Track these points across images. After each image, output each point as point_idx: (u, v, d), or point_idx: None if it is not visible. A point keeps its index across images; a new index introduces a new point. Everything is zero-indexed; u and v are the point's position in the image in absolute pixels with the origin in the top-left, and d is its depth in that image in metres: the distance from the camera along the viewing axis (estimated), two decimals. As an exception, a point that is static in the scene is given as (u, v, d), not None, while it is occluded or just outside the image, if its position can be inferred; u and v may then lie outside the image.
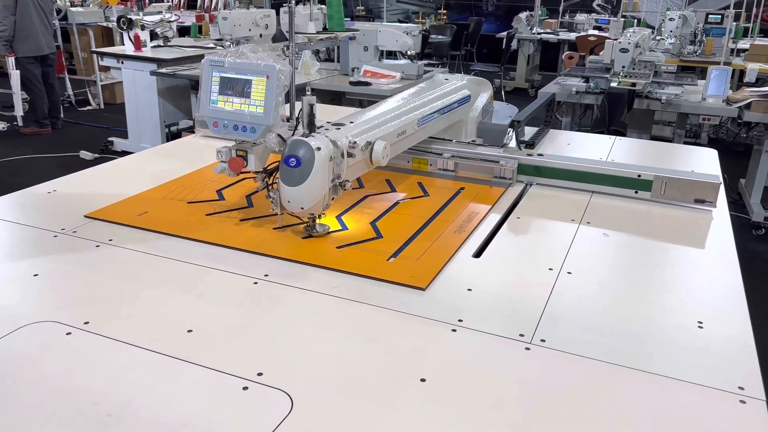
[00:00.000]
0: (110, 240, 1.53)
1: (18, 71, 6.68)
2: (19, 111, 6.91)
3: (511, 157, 2.02)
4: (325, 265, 1.42)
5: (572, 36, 9.61)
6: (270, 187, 1.58)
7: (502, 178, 1.99)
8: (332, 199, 1.54)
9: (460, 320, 1.22)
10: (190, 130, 5.44)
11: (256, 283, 1.35)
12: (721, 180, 1.84)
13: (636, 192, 1.86)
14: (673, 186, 1.82)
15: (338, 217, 1.69)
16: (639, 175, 1.85)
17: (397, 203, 1.82)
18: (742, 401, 1.01)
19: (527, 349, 1.14)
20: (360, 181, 1.95)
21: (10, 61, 6.67)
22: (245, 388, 1.01)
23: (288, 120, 1.56)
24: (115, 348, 1.11)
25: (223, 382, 1.03)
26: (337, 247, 1.51)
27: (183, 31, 7.47)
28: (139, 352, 1.10)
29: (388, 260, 1.45)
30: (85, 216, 1.65)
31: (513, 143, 2.14)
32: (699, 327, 1.23)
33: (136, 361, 1.08)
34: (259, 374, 1.04)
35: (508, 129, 2.16)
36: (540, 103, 2.53)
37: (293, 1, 1.79)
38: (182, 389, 1.01)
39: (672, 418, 0.98)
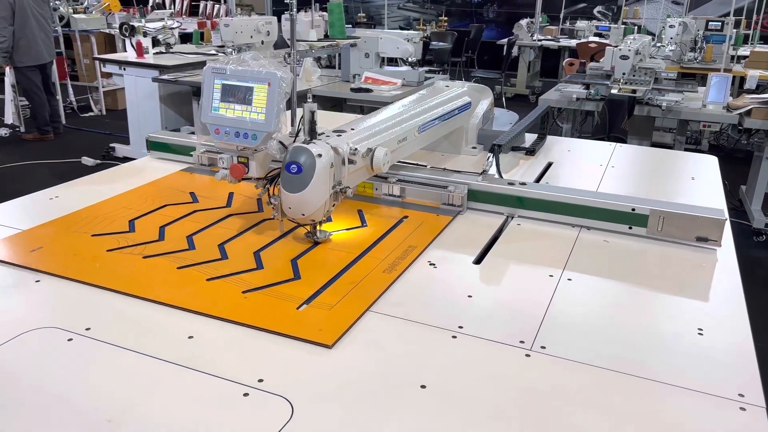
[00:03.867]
0: None
1: (9, 78, 6.69)
2: (8, 118, 6.90)
3: (459, 182, 1.81)
4: (220, 315, 1.23)
5: (573, 43, 9.64)
6: (271, 194, 1.58)
7: (451, 206, 1.79)
8: (333, 205, 1.54)
9: (461, 327, 1.22)
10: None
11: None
12: (727, 216, 1.60)
13: (630, 228, 1.65)
14: (672, 222, 1.60)
15: (256, 254, 1.50)
16: (633, 209, 1.63)
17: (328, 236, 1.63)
18: (742, 408, 1.01)
19: (527, 356, 1.14)
20: None
21: (7, 72, 6.68)
22: (246, 395, 1.01)
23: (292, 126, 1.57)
24: (116, 354, 1.11)
25: (223, 388, 1.03)
26: (244, 292, 1.32)
27: (185, 38, 7.49)
28: (140, 358, 1.10)
29: (298, 308, 1.27)
30: None
31: (493, 170, 1.94)
32: (699, 334, 1.23)
33: (136, 367, 1.08)
34: (260, 380, 1.04)
35: (488, 154, 1.96)
36: (531, 121, 2.42)
37: (294, 9, 1.80)
38: (182, 395, 1.01)
39: (672, 426, 0.98)
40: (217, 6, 10.82)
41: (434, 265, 1.49)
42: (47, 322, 1.20)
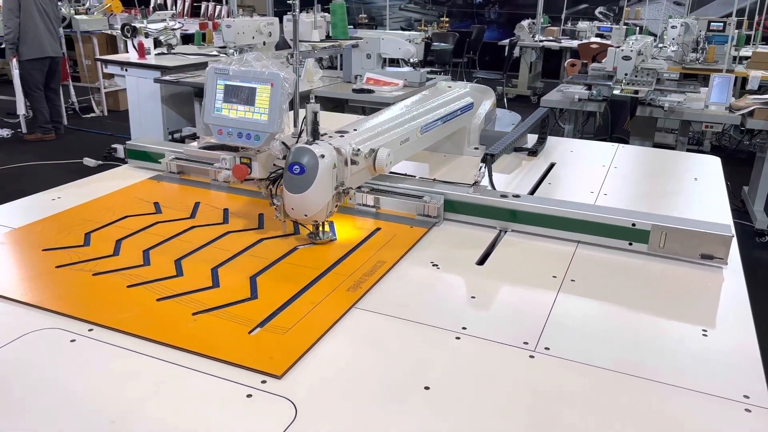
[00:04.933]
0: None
1: (18, 72, 6.73)
2: (21, 110, 6.95)
3: (435, 192, 1.72)
4: (163, 340, 1.14)
5: (574, 44, 9.63)
6: (274, 195, 1.58)
7: (427, 217, 1.70)
8: (336, 206, 1.54)
9: (464, 328, 1.22)
10: (193, 137, 5.45)
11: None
12: (733, 233, 1.50)
13: (630, 244, 1.56)
14: (675, 238, 1.51)
15: (213, 270, 1.40)
16: (634, 224, 1.54)
17: (294, 250, 1.53)
18: (748, 410, 1.01)
19: (531, 357, 1.14)
20: (261, 219, 1.69)
21: (13, 63, 6.72)
22: (249, 396, 1.01)
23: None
24: (120, 355, 1.11)
25: (227, 389, 1.03)
26: (194, 314, 1.22)
27: (186, 39, 7.51)
28: (144, 359, 1.10)
29: (250, 332, 1.18)
30: None
31: (485, 181, 1.80)
32: (704, 335, 1.23)
33: (140, 368, 1.08)
34: (263, 382, 1.04)
35: (480, 164, 1.83)
36: (527, 127, 2.31)
37: (297, 10, 1.80)
38: (186, 397, 1.01)
39: (677, 427, 0.98)
40: (218, 7, 10.83)
41: (437, 266, 1.49)
42: (50, 323, 1.19)
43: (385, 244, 1.57)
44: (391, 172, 1.80)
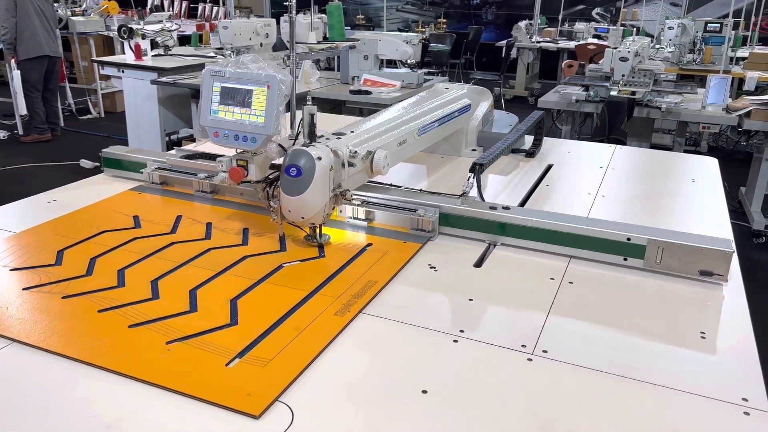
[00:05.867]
0: None
1: (18, 71, 6.72)
2: (22, 110, 6.93)
3: (430, 204, 1.64)
4: (133, 374, 1.05)
5: (571, 44, 9.64)
6: (271, 197, 1.57)
7: (421, 231, 1.63)
8: (332, 208, 1.54)
9: (462, 331, 1.21)
10: (191, 138, 5.44)
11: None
12: (734, 248, 1.42)
13: (625, 259, 1.49)
14: (672, 253, 1.43)
15: (192, 292, 1.32)
16: (629, 239, 1.46)
17: (279, 268, 1.44)
18: (746, 413, 1.01)
19: (529, 360, 1.13)
20: (245, 236, 1.61)
21: (11, 64, 6.71)
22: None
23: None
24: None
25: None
26: (167, 343, 1.14)
27: (183, 40, 7.48)
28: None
29: (227, 365, 1.08)
30: None
31: (474, 191, 1.75)
32: (702, 337, 1.23)
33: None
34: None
35: (469, 174, 1.76)
36: (521, 132, 2.23)
37: (294, 11, 1.79)
38: (182, 402, 1.00)
39: (675, 430, 0.97)
40: (215, 8, 10.82)
41: (435, 268, 1.48)
42: (45, 327, 1.18)
43: (376, 261, 1.49)
44: (375, 182, 1.74)
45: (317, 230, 1.57)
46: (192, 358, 1.10)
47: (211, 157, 1.54)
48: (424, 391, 1.04)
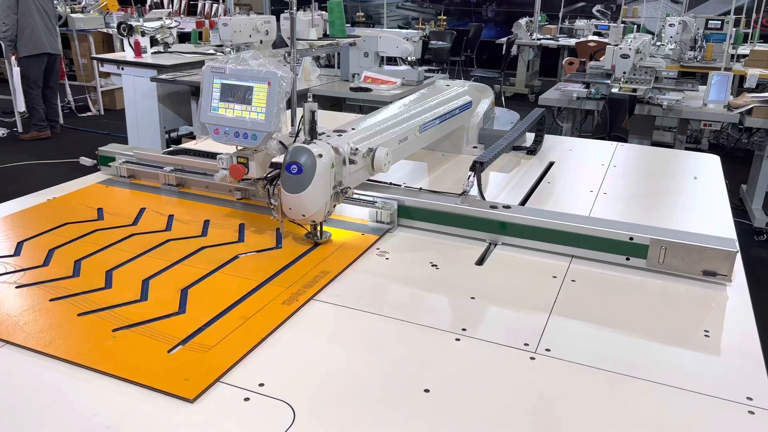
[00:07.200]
0: None
1: (18, 69, 6.72)
2: (21, 107, 6.92)
3: (389, 197, 1.66)
4: (75, 360, 1.06)
5: (572, 42, 9.62)
6: (271, 195, 1.56)
7: (380, 223, 1.65)
8: (334, 206, 1.53)
9: (464, 329, 1.21)
10: (190, 136, 5.44)
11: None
12: (738, 248, 1.40)
13: (628, 259, 1.47)
14: (675, 253, 1.41)
15: (144, 282, 1.33)
16: (631, 238, 1.45)
17: (234, 259, 1.45)
18: (751, 412, 1.00)
19: (532, 358, 1.13)
20: (205, 226, 1.63)
21: (12, 60, 6.70)
22: (247, 399, 1.00)
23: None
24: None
25: (224, 393, 1.01)
26: (114, 330, 1.16)
27: (183, 38, 7.47)
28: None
29: (169, 351, 1.10)
30: None
31: (474, 190, 1.72)
32: (705, 336, 1.22)
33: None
34: (261, 385, 1.03)
35: (469, 173, 1.73)
36: (520, 131, 2.20)
37: (294, 8, 1.78)
38: (182, 401, 0.99)
39: (680, 429, 0.97)
40: (215, 5, 10.80)
41: (436, 266, 1.48)
42: (44, 326, 1.18)
43: (332, 253, 1.50)
44: (376, 180, 1.74)
45: (318, 228, 1.56)
46: (136, 345, 1.12)
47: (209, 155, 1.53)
48: (427, 390, 1.03)
